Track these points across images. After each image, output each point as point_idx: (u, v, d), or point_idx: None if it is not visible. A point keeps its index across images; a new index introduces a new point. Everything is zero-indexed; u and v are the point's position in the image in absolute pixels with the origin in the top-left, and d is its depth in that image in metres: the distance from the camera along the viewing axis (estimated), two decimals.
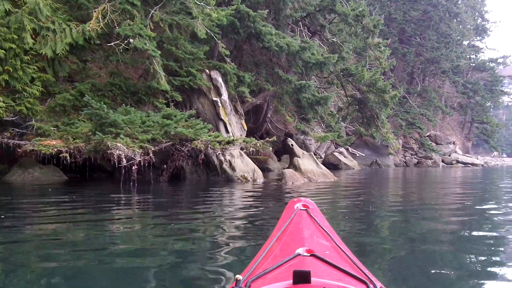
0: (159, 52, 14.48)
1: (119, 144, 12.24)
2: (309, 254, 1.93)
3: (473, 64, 61.34)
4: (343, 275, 1.78)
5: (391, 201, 11.04)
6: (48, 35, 14.15)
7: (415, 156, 48.92)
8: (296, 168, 16.29)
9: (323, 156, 33.45)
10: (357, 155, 37.80)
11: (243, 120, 19.22)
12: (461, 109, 60.99)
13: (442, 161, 48.92)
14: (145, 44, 13.98)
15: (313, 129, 24.64)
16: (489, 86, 59.69)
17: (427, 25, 51.85)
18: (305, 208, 2.57)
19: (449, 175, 26.88)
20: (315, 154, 33.77)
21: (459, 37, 56.72)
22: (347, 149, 36.29)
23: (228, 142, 14.06)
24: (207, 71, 17.38)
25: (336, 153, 33.37)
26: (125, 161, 12.31)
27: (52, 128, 13.85)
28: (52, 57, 14.40)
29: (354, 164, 34.06)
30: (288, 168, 17.31)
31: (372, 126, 26.85)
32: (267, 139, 14.85)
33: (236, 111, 18.76)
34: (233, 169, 15.77)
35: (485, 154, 79.20)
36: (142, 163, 12.95)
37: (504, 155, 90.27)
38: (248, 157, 27.08)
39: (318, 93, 21.25)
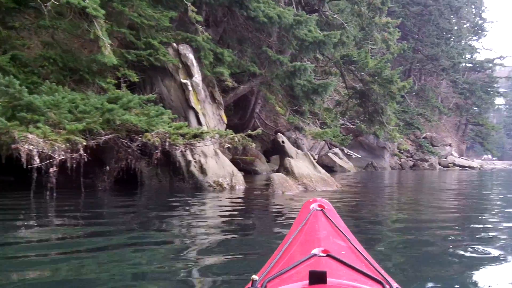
0: (103, 11, 10.56)
1: (30, 136, 8.30)
2: (325, 255, 1.88)
3: (470, 65, 59.05)
4: (359, 275, 1.73)
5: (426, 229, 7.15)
6: None
7: (411, 159, 46.63)
8: (288, 171, 12.29)
9: (316, 158, 29.93)
10: (353, 156, 34.85)
11: (223, 111, 15.24)
12: (458, 110, 59.08)
13: (439, 163, 46.87)
14: None
15: (308, 124, 20.61)
16: (484, 87, 57.29)
17: (427, 19, 48.72)
18: (320, 209, 2.50)
19: (456, 180, 24.14)
20: None
21: (460, 34, 53.89)
22: (342, 150, 33.01)
23: (195, 136, 10.13)
24: (174, 44, 13.39)
25: (330, 154, 30.06)
26: (38, 160, 8.36)
27: None
28: None
29: (350, 166, 31.79)
30: (277, 171, 13.40)
31: (376, 123, 23.14)
32: (249, 132, 10.89)
33: (213, 98, 14.79)
34: (204, 172, 11.82)
35: (475, 156, 77.86)
36: (70, 164, 9.05)
37: (495, 158, 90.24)
38: (232, 157, 23.45)
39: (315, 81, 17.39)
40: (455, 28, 54.13)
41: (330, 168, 27.72)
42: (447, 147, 54.04)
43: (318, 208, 2.51)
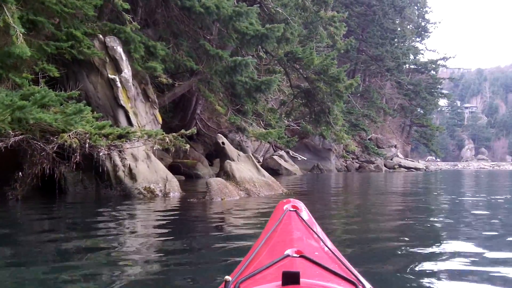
0: None
1: None
2: (298, 255, 1.84)
3: (413, 66, 59.60)
4: (332, 276, 1.71)
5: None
6: None
7: (357, 160, 46.75)
8: (229, 175, 11.07)
9: (261, 160, 29.08)
10: (299, 159, 34.03)
11: (157, 110, 13.91)
12: (402, 111, 59.48)
13: (385, 165, 47.10)
14: None
15: (251, 124, 19.41)
16: (428, 88, 57.52)
17: (371, 19, 48.51)
18: (294, 209, 2.43)
19: (404, 182, 23.74)
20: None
21: (404, 35, 54.15)
22: (287, 152, 32.27)
23: (121, 136, 8.88)
24: (101, 36, 12.03)
25: (275, 157, 29.12)
26: None
27: None
28: None
29: (296, 169, 30.91)
30: (217, 175, 12.22)
31: (322, 123, 22.16)
32: (182, 131, 9.67)
33: (147, 97, 13.47)
34: (133, 178, 10.49)
35: (419, 158, 79.22)
36: None
37: (438, 159, 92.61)
38: (173, 161, 22.12)
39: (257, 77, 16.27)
40: (399, 29, 54.23)
41: (275, 171, 27.16)
42: (393, 149, 54.07)
43: (292, 209, 2.47)
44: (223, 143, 12.78)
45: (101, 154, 9.03)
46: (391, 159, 50.77)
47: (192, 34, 15.11)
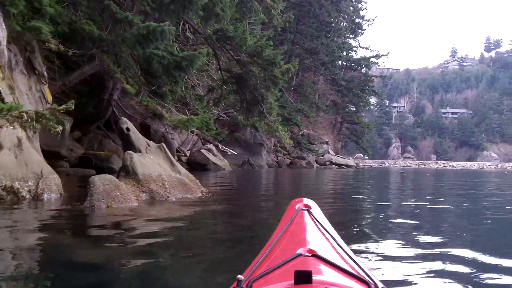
0: None
1: None
2: (310, 254, 1.86)
3: (346, 63, 60.66)
4: (344, 275, 1.71)
5: None
6: None
7: (288, 156, 45.98)
8: (129, 171, 8.26)
9: (188, 154, 26.78)
10: (229, 153, 32.40)
11: (46, 86, 10.75)
12: (335, 107, 59.23)
13: (316, 161, 46.77)
14: None
15: (170, 109, 16.40)
16: (360, 85, 58.80)
17: (307, 10, 46.88)
18: (306, 208, 2.48)
19: (338, 179, 22.50)
20: (178, 152, 26.72)
21: (339, 28, 53.05)
22: (216, 146, 30.18)
23: None
24: None
25: (203, 151, 26.91)
26: None
27: None
28: None
29: (225, 164, 29.11)
30: (118, 172, 9.29)
31: (255, 113, 19.56)
32: (52, 106, 6.75)
33: (32, 68, 10.37)
34: None
35: (348, 155, 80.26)
36: None
37: (366, 157, 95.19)
38: (84, 152, 19.04)
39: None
40: (332, 25, 53.06)
41: (203, 165, 25.71)
42: (324, 145, 54.32)
43: (304, 208, 2.48)
44: (127, 129, 9.90)
45: None
46: (323, 156, 50.50)
47: None
